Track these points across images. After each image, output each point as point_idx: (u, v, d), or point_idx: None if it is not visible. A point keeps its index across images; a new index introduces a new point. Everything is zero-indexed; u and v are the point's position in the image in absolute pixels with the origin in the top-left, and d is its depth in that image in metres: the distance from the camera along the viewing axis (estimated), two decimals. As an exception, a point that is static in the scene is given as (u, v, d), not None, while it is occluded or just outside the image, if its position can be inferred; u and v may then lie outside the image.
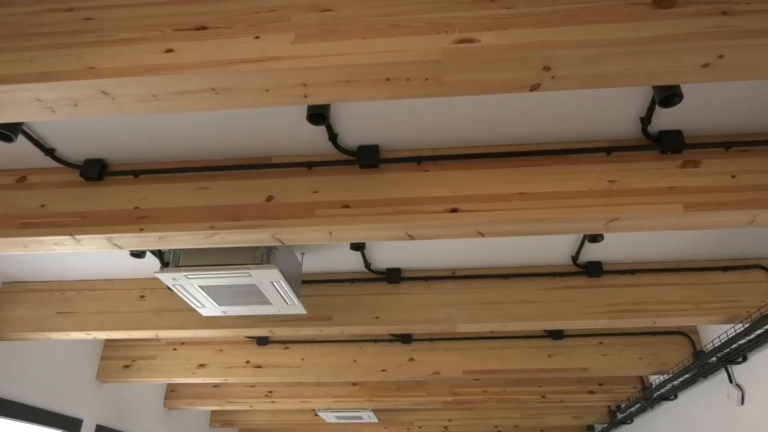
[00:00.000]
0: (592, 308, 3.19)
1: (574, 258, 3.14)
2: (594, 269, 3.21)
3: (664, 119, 2.09)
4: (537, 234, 2.13)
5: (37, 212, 2.35)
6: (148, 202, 2.31)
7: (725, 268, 3.23)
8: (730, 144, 2.14)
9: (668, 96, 1.78)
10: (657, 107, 1.98)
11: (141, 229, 2.24)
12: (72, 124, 2.15)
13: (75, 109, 1.55)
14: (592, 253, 3.13)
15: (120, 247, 2.34)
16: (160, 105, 1.52)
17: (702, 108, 2.03)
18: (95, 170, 2.35)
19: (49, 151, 2.29)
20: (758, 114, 2.07)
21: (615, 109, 2.03)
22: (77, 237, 2.28)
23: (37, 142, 2.23)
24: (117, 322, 3.40)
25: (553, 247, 3.07)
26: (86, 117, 1.56)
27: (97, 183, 2.39)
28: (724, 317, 3.16)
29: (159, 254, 2.76)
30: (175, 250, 2.64)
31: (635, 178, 2.10)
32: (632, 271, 3.23)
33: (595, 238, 2.73)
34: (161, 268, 2.60)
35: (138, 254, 2.90)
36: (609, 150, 2.15)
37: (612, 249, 3.09)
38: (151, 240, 2.27)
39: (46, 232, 2.28)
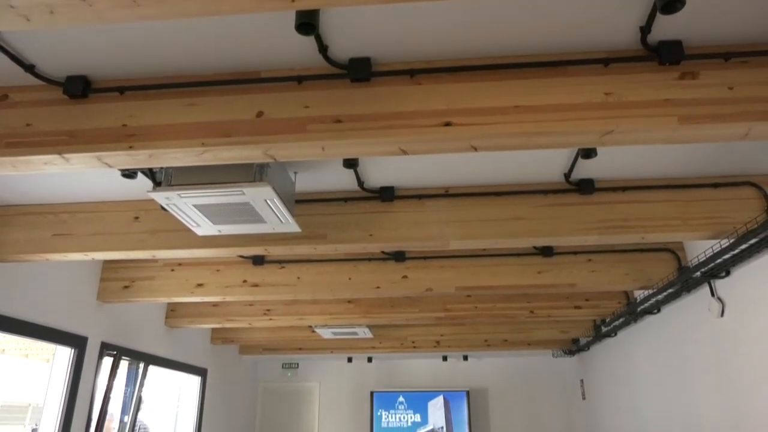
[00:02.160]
0: (582, 225, 3.24)
1: (567, 175, 3.15)
2: (586, 186, 3.23)
3: (664, 28, 2.02)
4: (531, 148, 2.12)
5: (23, 131, 2.30)
6: (136, 119, 2.26)
7: (716, 185, 3.26)
8: (729, 55, 2.09)
9: (670, 1, 1.71)
10: (658, 14, 1.92)
11: (130, 147, 2.21)
12: (51, 38, 2.06)
13: (51, 17, 1.48)
14: (585, 170, 3.14)
15: (110, 166, 2.31)
16: (141, 11, 1.45)
17: (703, 16, 1.96)
18: (79, 87, 2.28)
19: (29, 68, 2.21)
20: (759, 22, 2.00)
21: (615, 18, 1.96)
22: (66, 156, 2.25)
23: (15, 58, 2.15)
24: (113, 243, 3.44)
25: (546, 165, 3.07)
26: (64, 25, 1.49)
27: (82, 101, 2.33)
28: (711, 233, 3.23)
29: (150, 174, 2.74)
30: (166, 169, 2.62)
31: (632, 90, 2.06)
32: (623, 188, 3.26)
33: (589, 154, 2.72)
34: (154, 188, 2.59)
35: (129, 174, 2.88)
36: (607, 61, 2.10)
37: (604, 166, 3.10)
38: (141, 158, 2.24)
39: (34, 152, 2.25)
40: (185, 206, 2.70)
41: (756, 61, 2.11)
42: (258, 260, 4.45)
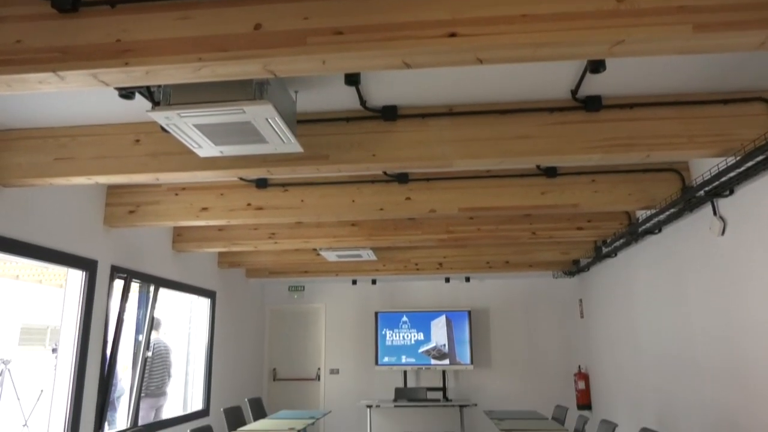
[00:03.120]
0: (587, 143, 3.20)
1: (574, 92, 3.08)
2: (592, 103, 3.16)
3: (684, -73, 1.90)
4: (539, 60, 2.06)
5: (14, 48, 2.23)
6: (130, 34, 2.18)
7: (725, 101, 3.19)
8: (750, -43, 1.98)
9: None
10: None
11: (126, 64, 2.15)
12: (34, -57, 1.95)
13: None
14: (592, 86, 3.06)
15: (106, 84, 2.26)
16: None
17: None
18: (68, 0, 2.19)
19: (14, -22, 2.12)
20: None
21: None
22: (60, 74, 2.19)
23: (-1, -32, 2.05)
24: (116, 167, 3.43)
25: (553, 81, 2.99)
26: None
27: (73, 15, 2.24)
28: (717, 150, 3.19)
29: (148, 93, 2.68)
30: (164, 88, 2.56)
31: (646, -5, 1.97)
32: (630, 105, 3.19)
33: (597, 68, 2.64)
34: (153, 108, 2.55)
35: (127, 95, 2.82)
36: (620, -35, 1.99)
37: (612, 82, 3.02)
38: (137, 75, 2.19)
39: (27, 69, 2.19)
40: (186, 126, 2.66)
41: (779, -36, 2.00)
42: (261, 183, 4.46)
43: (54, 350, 4.44)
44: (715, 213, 3.87)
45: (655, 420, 5.10)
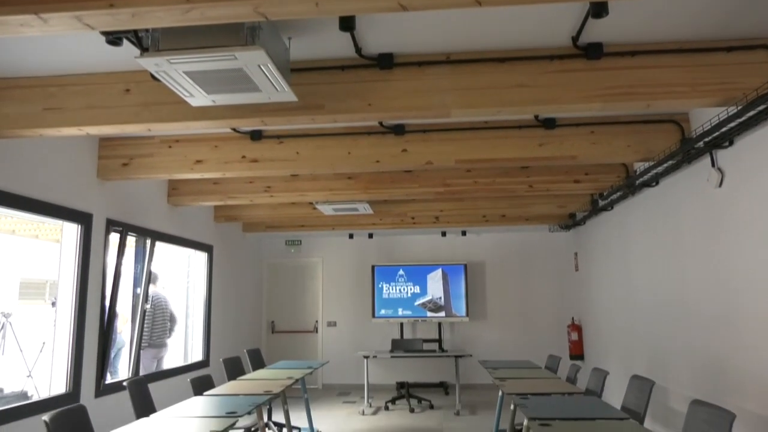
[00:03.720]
0: (587, 92, 3.14)
1: (575, 38, 2.99)
2: (593, 51, 3.08)
3: None
4: (539, 1, 1.98)
5: (-6, -11, 2.14)
6: (114, -26, 2.09)
7: (729, 49, 3.12)
8: None
9: None
10: None
11: (111, 5, 2.07)
12: None
13: None
14: (594, 32, 2.98)
15: (91, 27, 2.18)
16: None
17: None
18: (48, -63, 2.09)
19: None
20: None
21: None
22: (43, 16, 2.11)
23: None
24: (106, 117, 3.36)
25: (553, 27, 2.90)
26: None
27: (54, -46, 2.14)
28: (719, 99, 3.14)
29: (136, 38, 2.59)
30: (153, 33, 2.48)
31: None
32: (632, 53, 3.12)
33: (599, 12, 2.56)
34: (141, 54, 2.47)
35: (114, 40, 2.73)
36: None
37: (614, 28, 2.93)
38: (123, 18, 2.11)
39: (8, 11, 2.11)
40: (176, 74, 2.59)
41: None
42: (256, 135, 4.39)
43: (53, 304, 4.47)
44: (713, 164, 3.84)
45: (646, 368, 5.23)
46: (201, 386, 4.29)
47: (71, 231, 4.44)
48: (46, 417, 2.68)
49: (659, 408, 4.91)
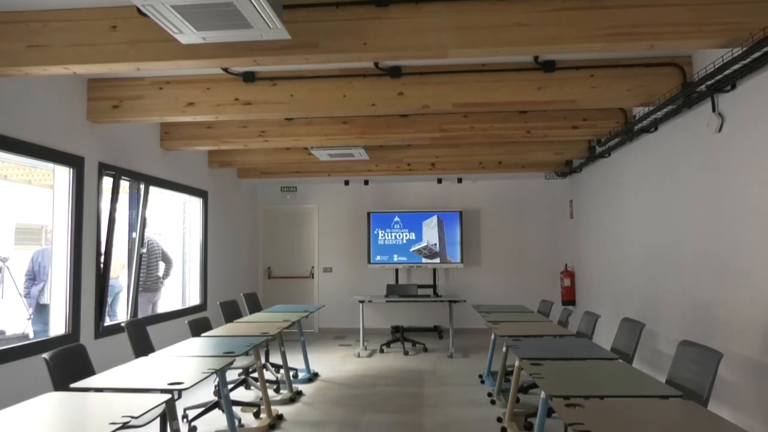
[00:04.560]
0: (589, 32, 3.05)
1: (579, -26, 2.88)
2: (598, -12, 2.97)
3: None
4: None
5: None
6: None
7: (738, -14, 3.01)
8: None
9: None
10: None
11: (91, -69, 1.95)
12: None
13: None
14: (599, -32, 2.86)
15: (73, -45, 2.07)
16: None
17: None
18: None
19: None
20: None
21: None
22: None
23: None
24: (93, 56, 3.25)
25: (557, -39, 2.79)
26: None
27: None
28: (724, 40, 3.06)
29: (120, -30, 2.47)
30: (137, -36, 2.36)
31: None
32: (638, -10, 3.01)
33: (606, -55, 2.44)
34: (126, -14, 2.36)
35: (97, -28, 2.61)
36: None
37: (621, -38, 2.82)
38: (105, -56, 2.00)
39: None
40: (163, 8, 2.49)
41: None
42: (249, 77, 4.29)
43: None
44: (714, 109, 3.79)
45: (636, 313, 5.33)
46: (199, 328, 4.36)
47: (63, 175, 4.39)
48: (46, 355, 2.72)
49: (648, 351, 5.04)
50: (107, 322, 4.82)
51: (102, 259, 4.73)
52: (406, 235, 8.51)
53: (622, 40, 3.03)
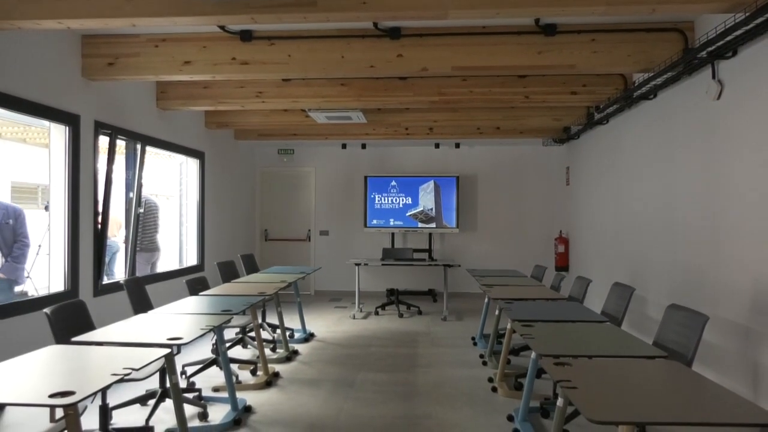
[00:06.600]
0: (592, -6, 3.01)
1: (583, -67, 2.82)
2: (602, -52, 2.92)
3: None
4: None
5: None
6: None
7: (745, -51, 2.96)
8: None
9: None
10: None
11: None
12: None
13: None
14: (604, -73, 2.81)
15: None
16: None
17: None
18: None
19: None
20: None
21: None
22: None
23: None
24: (86, 10, 3.20)
25: None
26: None
27: None
28: (728, 4, 3.03)
29: None
30: None
31: None
32: (643, -48, 2.96)
33: None
34: (120, -63, 2.31)
35: None
36: None
37: None
38: None
39: None
40: (159, -39, 2.44)
41: None
42: (246, 36, 4.22)
43: (47, 208, 4.48)
44: (714, 76, 3.77)
45: (628, 280, 5.41)
46: (196, 287, 4.42)
47: (59, 133, 4.36)
48: (47, 310, 2.77)
49: (637, 315, 5.14)
50: (106, 281, 4.87)
51: (99, 218, 4.75)
52: (402, 200, 8.53)
53: (624, 2, 2.99)
